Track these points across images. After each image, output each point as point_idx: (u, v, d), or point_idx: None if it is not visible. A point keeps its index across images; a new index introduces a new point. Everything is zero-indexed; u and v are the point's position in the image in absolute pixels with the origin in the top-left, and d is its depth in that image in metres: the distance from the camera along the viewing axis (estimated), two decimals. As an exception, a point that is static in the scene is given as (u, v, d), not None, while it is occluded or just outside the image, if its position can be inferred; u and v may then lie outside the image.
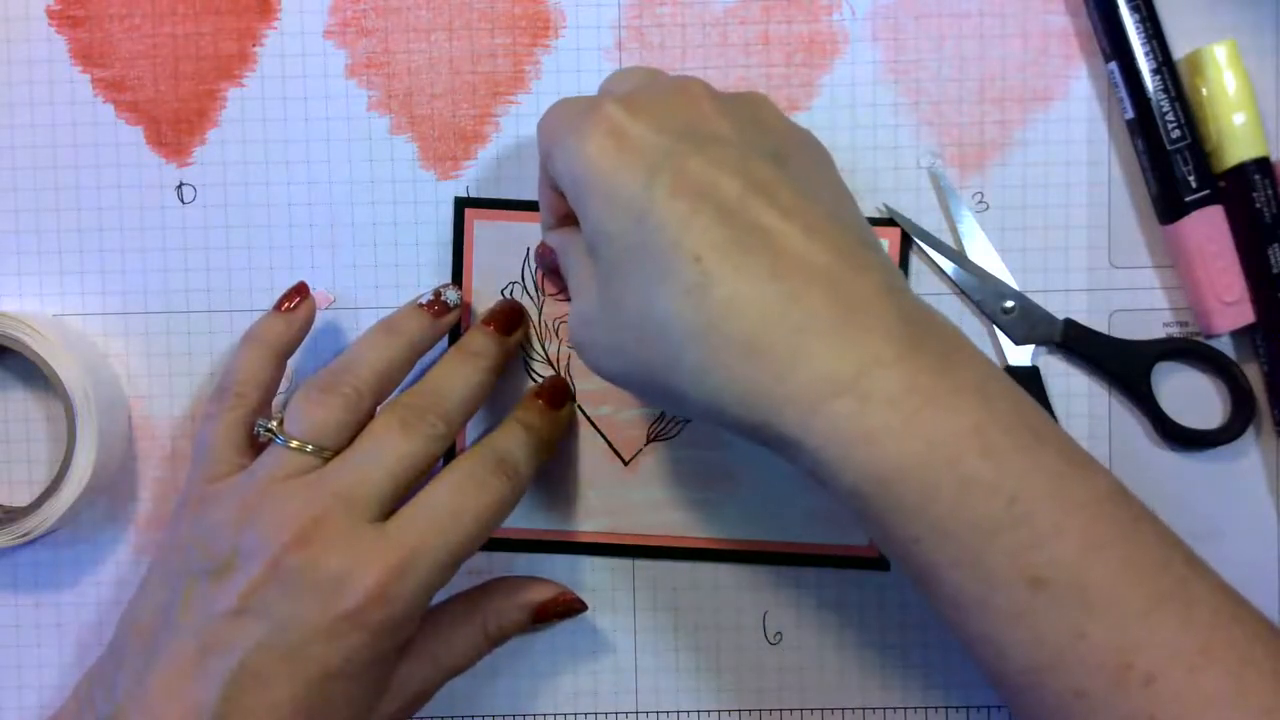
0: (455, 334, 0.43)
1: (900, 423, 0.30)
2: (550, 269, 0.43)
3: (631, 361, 0.33)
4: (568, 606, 0.42)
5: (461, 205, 0.43)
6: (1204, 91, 0.41)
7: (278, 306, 0.41)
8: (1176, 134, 0.41)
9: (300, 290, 0.42)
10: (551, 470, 0.44)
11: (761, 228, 0.31)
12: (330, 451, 0.38)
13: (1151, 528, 0.31)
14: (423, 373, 0.41)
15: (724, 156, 0.32)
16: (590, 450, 0.44)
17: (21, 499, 0.43)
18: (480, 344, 0.41)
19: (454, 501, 0.37)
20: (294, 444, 0.37)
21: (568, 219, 0.38)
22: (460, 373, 0.40)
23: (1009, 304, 0.43)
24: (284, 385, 0.43)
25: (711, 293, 0.31)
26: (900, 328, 0.31)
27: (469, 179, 0.44)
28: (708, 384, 0.31)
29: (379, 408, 0.39)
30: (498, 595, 0.41)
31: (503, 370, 0.42)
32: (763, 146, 0.33)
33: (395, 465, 0.37)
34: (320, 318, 0.43)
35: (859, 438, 0.30)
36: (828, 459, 0.30)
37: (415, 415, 0.38)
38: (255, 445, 0.39)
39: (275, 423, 0.38)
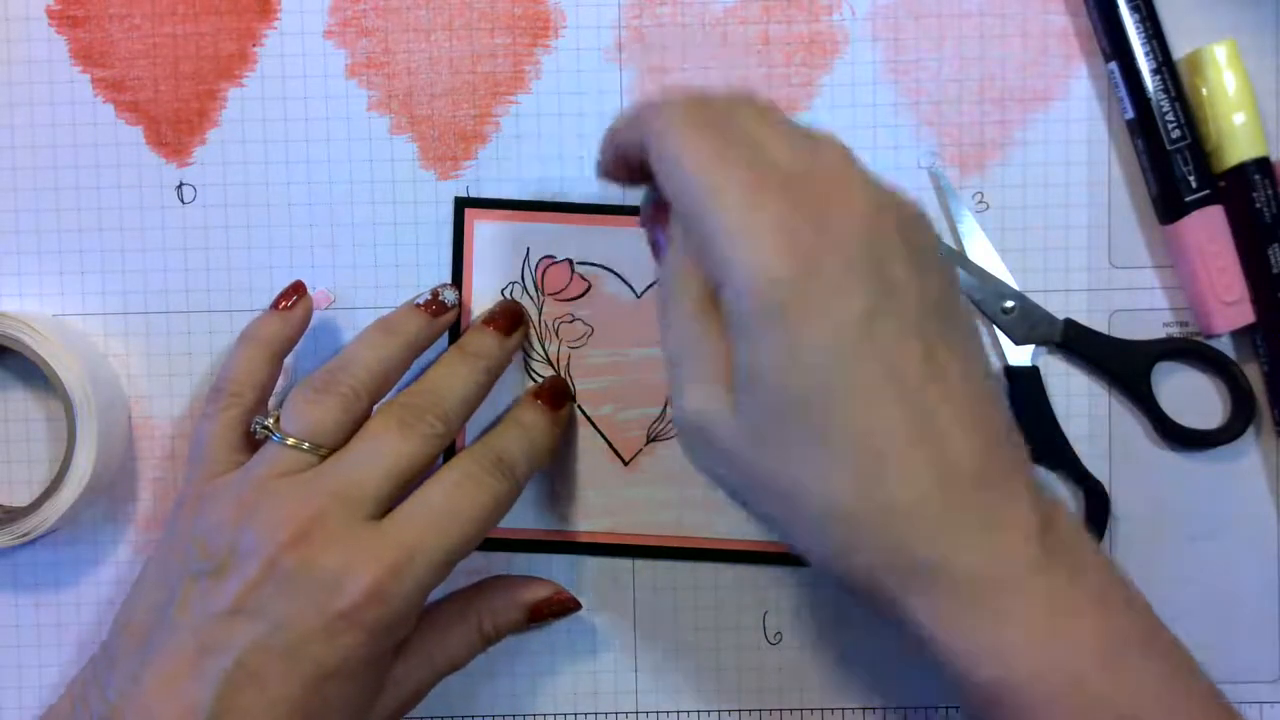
0: (455, 333, 0.43)
1: (1031, 638, 0.30)
2: (651, 238, 0.37)
3: (749, 490, 0.32)
4: (563, 606, 0.42)
5: (461, 205, 0.43)
6: (1204, 91, 0.41)
7: (274, 305, 0.41)
8: (1176, 134, 0.41)
9: (297, 289, 0.42)
10: (551, 470, 0.44)
11: (937, 426, 0.30)
12: (327, 450, 0.38)
13: None
14: (421, 372, 0.41)
15: (908, 320, 0.30)
16: (590, 450, 0.44)
17: (21, 499, 0.43)
18: (480, 344, 0.41)
19: (451, 501, 0.37)
20: (290, 442, 0.37)
21: (629, 176, 0.35)
22: (459, 373, 0.40)
23: (1009, 304, 0.43)
24: (282, 384, 0.43)
25: (877, 484, 0.30)
26: (1038, 531, 0.31)
27: (469, 179, 0.44)
28: (841, 559, 0.31)
29: (376, 407, 0.39)
30: (493, 594, 0.41)
31: (502, 371, 0.42)
32: (933, 296, 0.31)
33: (392, 464, 0.37)
34: (320, 318, 0.43)
35: (988, 647, 0.30)
36: (948, 654, 0.30)
37: (413, 415, 0.38)
38: (252, 444, 0.39)
39: (272, 420, 0.38)
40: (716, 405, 0.31)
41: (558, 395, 0.42)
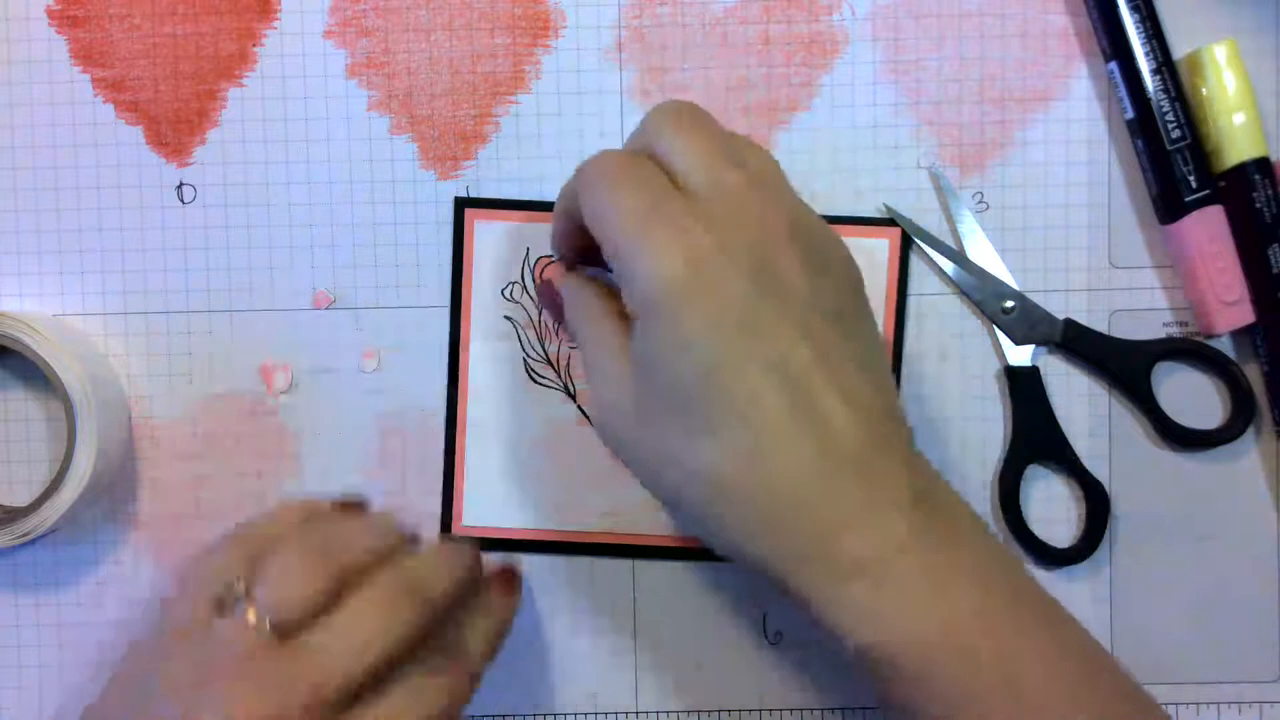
0: (454, 334, 0.43)
1: (911, 605, 0.32)
2: (553, 307, 0.42)
3: (655, 474, 0.34)
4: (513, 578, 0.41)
5: (461, 205, 0.43)
6: (1204, 91, 0.41)
7: (338, 505, 0.41)
8: (1176, 134, 0.41)
9: (363, 503, 0.41)
10: (551, 470, 0.44)
11: (819, 408, 0.32)
12: (297, 626, 0.34)
13: (1116, 682, 0.34)
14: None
15: (791, 312, 0.33)
16: (590, 450, 0.44)
17: (21, 499, 0.43)
18: (473, 558, 0.39)
19: (413, 708, 0.35)
20: (263, 621, 0.34)
21: (584, 253, 0.38)
22: (450, 563, 0.38)
23: (1009, 304, 0.43)
24: (284, 384, 0.43)
25: (758, 462, 0.32)
26: (914, 508, 0.33)
27: (469, 179, 0.44)
28: (731, 537, 0.33)
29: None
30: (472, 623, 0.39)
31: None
32: (826, 298, 0.34)
33: (367, 653, 0.34)
34: (320, 317, 0.43)
35: (872, 614, 0.32)
36: (839, 625, 0.33)
37: (403, 594, 0.35)
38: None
39: (243, 585, 0.35)
40: (618, 396, 0.34)
41: (512, 580, 0.41)
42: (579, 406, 0.44)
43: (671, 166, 0.34)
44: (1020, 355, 0.43)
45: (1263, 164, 0.41)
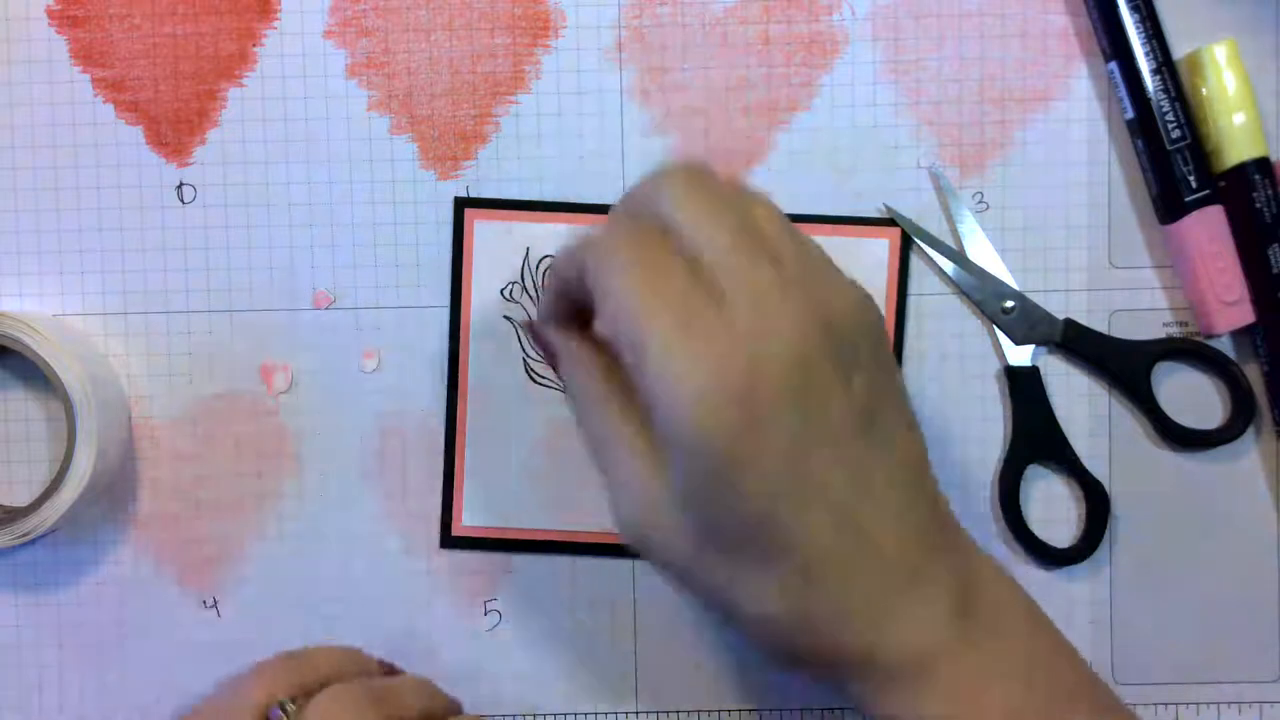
0: (455, 335, 0.43)
1: (948, 709, 0.32)
2: (551, 357, 0.38)
3: (690, 588, 0.34)
4: None
5: (461, 205, 0.43)
6: (1204, 91, 0.41)
7: (384, 666, 0.42)
8: (1176, 134, 0.41)
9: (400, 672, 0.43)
10: (551, 470, 0.44)
11: (864, 533, 0.32)
12: None
13: None
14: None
15: (835, 441, 0.31)
16: (590, 450, 0.44)
17: (21, 499, 0.43)
18: None
19: None
20: None
21: (573, 313, 0.36)
22: None
23: (1009, 304, 0.43)
24: (284, 384, 0.43)
25: (808, 596, 0.32)
26: (958, 607, 0.33)
27: (469, 179, 0.44)
28: (777, 654, 0.34)
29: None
30: None
31: None
32: (864, 403, 0.32)
33: None
34: (320, 317, 0.43)
35: (912, 718, 0.33)
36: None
37: None
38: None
39: (296, 708, 0.36)
40: (653, 516, 0.32)
41: None
42: (579, 406, 0.44)
43: (684, 242, 0.31)
44: (1020, 355, 0.43)
45: (1263, 164, 0.41)
